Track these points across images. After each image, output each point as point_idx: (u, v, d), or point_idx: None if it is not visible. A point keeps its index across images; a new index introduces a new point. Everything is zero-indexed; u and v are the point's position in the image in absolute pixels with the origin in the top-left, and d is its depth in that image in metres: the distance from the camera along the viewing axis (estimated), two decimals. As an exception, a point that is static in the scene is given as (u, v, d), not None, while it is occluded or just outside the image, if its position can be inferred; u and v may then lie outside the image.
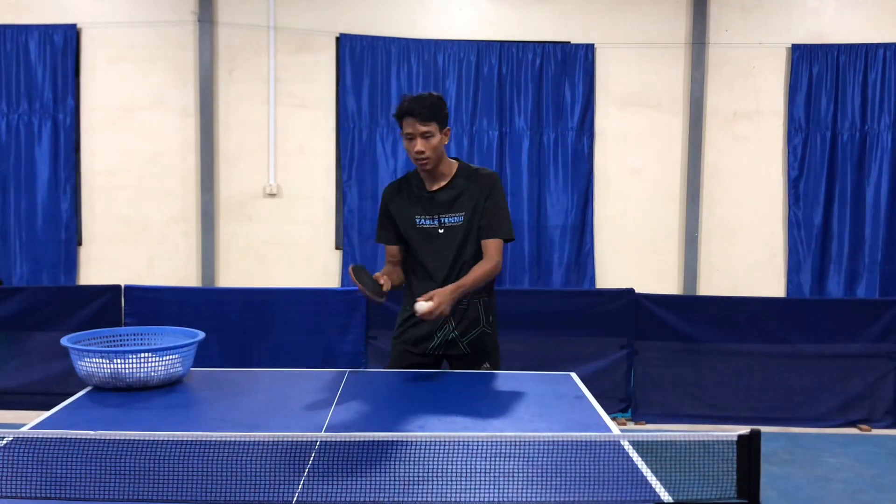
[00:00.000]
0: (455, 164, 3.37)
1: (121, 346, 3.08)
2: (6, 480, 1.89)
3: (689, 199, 8.25)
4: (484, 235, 3.28)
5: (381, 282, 3.12)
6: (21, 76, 7.84)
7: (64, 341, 2.90)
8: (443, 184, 3.32)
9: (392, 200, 3.37)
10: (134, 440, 1.98)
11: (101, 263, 8.05)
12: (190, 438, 1.95)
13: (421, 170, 3.29)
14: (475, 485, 1.90)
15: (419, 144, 3.18)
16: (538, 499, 1.92)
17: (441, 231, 3.29)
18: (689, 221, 8.27)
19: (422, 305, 3.00)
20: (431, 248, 3.29)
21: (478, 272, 3.21)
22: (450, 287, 3.10)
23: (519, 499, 1.90)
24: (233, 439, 1.96)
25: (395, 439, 2.10)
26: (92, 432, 1.96)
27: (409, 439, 2.13)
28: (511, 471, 2.03)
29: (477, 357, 3.34)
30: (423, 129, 3.18)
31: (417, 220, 3.30)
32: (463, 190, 3.30)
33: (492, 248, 3.27)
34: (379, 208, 3.43)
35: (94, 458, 1.95)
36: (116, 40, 7.96)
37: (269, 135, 8.08)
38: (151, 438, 1.94)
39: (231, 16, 8.02)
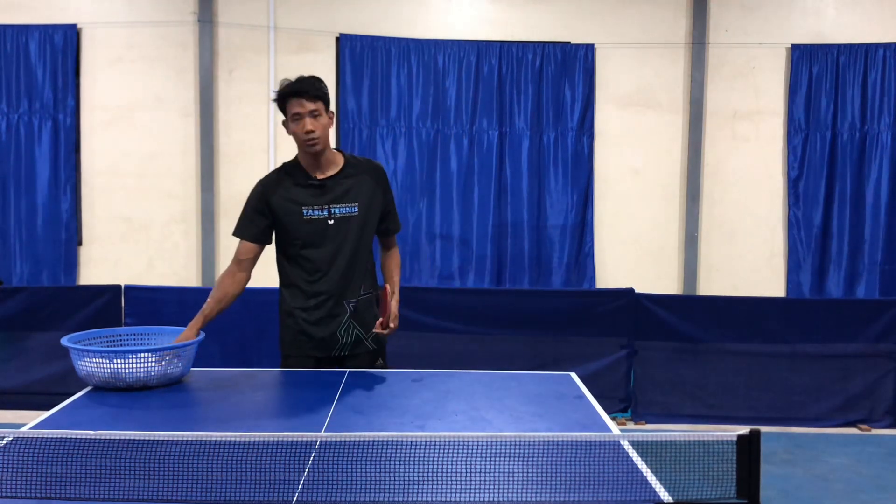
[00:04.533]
0: (340, 154, 3.25)
1: (121, 346, 3.08)
2: (6, 480, 1.89)
3: (689, 199, 8.25)
4: (388, 232, 3.37)
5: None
6: (21, 76, 7.84)
7: (64, 341, 2.90)
8: (332, 172, 3.18)
9: (273, 191, 3.15)
10: (134, 440, 1.98)
11: (101, 263, 8.05)
12: (190, 438, 1.95)
13: (309, 153, 3.12)
14: (475, 485, 1.90)
15: (308, 124, 3.05)
16: (538, 499, 1.92)
17: (331, 222, 3.15)
18: (689, 221, 8.27)
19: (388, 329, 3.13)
20: (321, 239, 3.16)
21: (398, 270, 3.38)
22: (396, 299, 3.18)
23: (519, 499, 1.90)
24: (233, 439, 1.96)
25: (395, 439, 2.10)
26: (92, 432, 1.96)
27: (409, 439, 2.13)
28: (511, 471, 2.02)
29: (374, 353, 3.33)
30: (311, 106, 3.05)
31: (305, 211, 3.14)
32: (355, 180, 3.20)
33: (394, 241, 3.42)
34: (248, 200, 3.20)
35: (94, 458, 1.95)
36: (116, 40, 7.96)
37: (269, 135, 8.08)
38: (151, 438, 1.94)
39: (231, 16, 8.02)
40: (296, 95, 3.05)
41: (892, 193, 8.16)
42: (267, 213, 3.17)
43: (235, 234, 3.24)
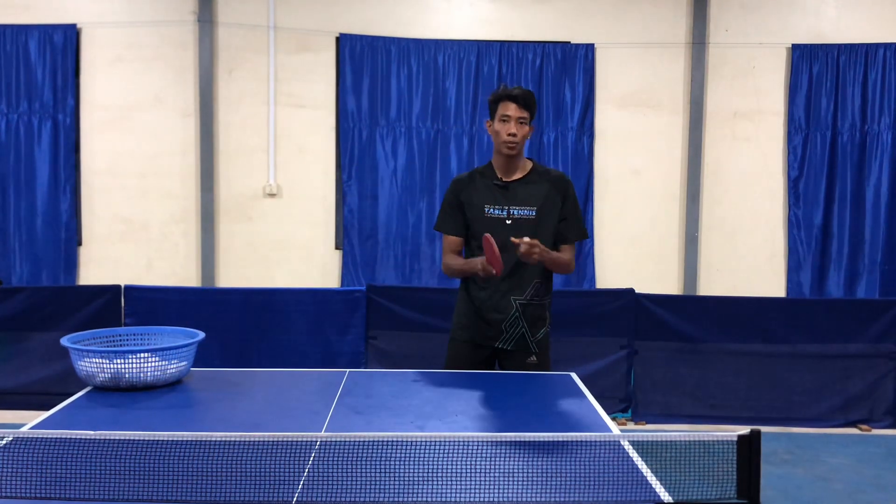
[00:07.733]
0: (530, 162, 3.51)
1: (121, 346, 3.08)
2: (6, 480, 1.89)
3: (689, 199, 8.25)
4: (563, 239, 3.44)
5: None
6: (21, 76, 7.83)
7: (64, 341, 2.90)
8: (518, 176, 3.43)
9: (464, 189, 3.45)
10: (134, 440, 1.98)
11: (101, 263, 8.05)
12: (190, 438, 1.95)
13: (504, 154, 3.37)
14: (475, 485, 1.90)
15: (513, 127, 3.32)
16: (538, 499, 1.92)
17: (509, 222, 3.37)
18: (689, 221, 8.26)
19: (526, 240, 3.12)
20: (498, 238, 3.32)
21: (562, 258, 3.39)
22: (545, 247, 3.22)
23: (519, 499, 1.90)
24: (233, 439, 1.96)
25: (395, 439, 2.10)
26: (92, 432, 1.96)
27: (409, 439, 2.13)
28: (511, 471, 2.03)
29: (530, 355, 3.42)
30: (520, 114, 3.33)
31: (487, 209, 3.39)
32: (536, 186, 3.43)
33: (569, 250, 3.47)
34: (444, 197, 3.53)
35: (94, 458, 1.95)
36: (116, 40, 7.95)
37: (269, 135, 8.08)
38: (151, 438, 1.94)
39: (231, 16, 8.01)
40: (510, 99, 3.33)
41: (892, 193, 8.15)
42: (460, 208, 3.45)
43: (437, 228, 3.55)
